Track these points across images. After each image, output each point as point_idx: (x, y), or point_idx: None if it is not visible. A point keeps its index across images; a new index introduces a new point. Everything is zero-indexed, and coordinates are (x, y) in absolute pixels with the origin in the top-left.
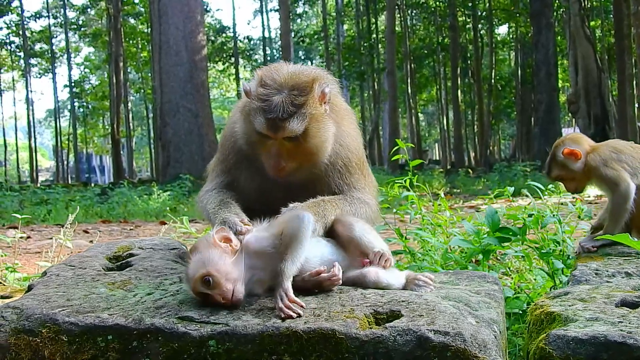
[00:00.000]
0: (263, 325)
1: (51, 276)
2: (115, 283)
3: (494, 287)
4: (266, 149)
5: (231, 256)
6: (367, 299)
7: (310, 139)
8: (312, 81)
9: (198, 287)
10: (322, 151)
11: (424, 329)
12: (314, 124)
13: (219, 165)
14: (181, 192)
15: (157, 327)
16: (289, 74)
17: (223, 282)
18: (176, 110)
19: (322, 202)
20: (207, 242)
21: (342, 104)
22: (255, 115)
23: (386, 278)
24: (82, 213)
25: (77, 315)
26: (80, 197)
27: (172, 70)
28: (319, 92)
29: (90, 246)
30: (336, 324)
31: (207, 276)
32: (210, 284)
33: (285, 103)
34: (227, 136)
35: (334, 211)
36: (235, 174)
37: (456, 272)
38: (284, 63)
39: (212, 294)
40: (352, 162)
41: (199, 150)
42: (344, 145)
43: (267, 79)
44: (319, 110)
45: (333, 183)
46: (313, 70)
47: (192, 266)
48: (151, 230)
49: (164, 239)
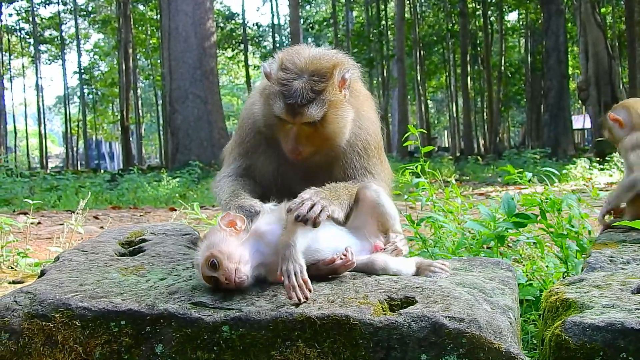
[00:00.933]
0: (277, 311)
1: (64, 261)
2: (128, 268)
3: (507, 274)
4: (284, 132)
5: (237, 239)
6: (381, 285)
7: (329, 124)
8: (332, 67)
9: (206, 271)
10: (340, 136)
11: (438, 315)
12: (333, 110)
13: (236, 148)
14: (190, 179)
15: (170, 313)
16: (310, 59)
17: (225, 262)
18: (185, 97)
19: (333, 186)
20: (214, 229)
21: (362, 89)
22: (275, 99)
23: (395, 265)
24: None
25: (90, 300)
26: (90, 184)
27: (181, 56)
28: (339, 78)
29: (102, 231)
30: (350, 310)
31: (211, 258)
32: (216, 266)
33: (304, 89)
34: (245, 118)
35: (346, 194)
36: (253, 156)
37: (469, 258)
38: (305, 46)
39: (217, 276)
40: (371, 146)
41: (208, 137)
42: (363, 129)
43: (288, 63)
44: (338, 96)
45: (350, 166)
46: (334, 55)
47: (200, 252)
48: (161, 217)
49: (176, 225)
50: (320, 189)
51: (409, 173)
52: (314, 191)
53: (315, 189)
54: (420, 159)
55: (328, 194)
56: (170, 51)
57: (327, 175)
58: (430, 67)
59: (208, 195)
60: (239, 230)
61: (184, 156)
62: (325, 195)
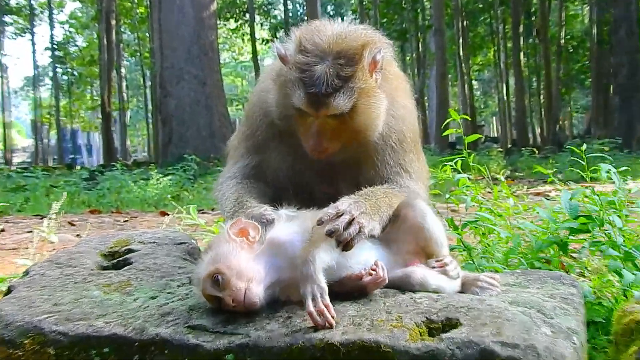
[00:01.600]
0: (292, 337)
1: (34, 276)
2: (112, 285)
3: (571, 290)
4: (305, 127)
5: (248, 252)
6: (418, 304)
7: (358, 116)
8: (361, 47)
9: (207, 289)
10: (372, 129)
11: (488, 340)
12: (363, 99)
13: (243, 142)
14: (185, 177)
15: (163, 338)
16: (334, 38)
17: (233, 280)
18: (180, 77)
19: (372, 194)
20: (221, 238)
21: (395, 71)
22: (294, 87)
23: (436, 280)
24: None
25: (66, 323)
26: (64, 183)
27: (174, 29)
28: (369, 60)
29: (80, 240)
30: (381, 335)
31: (216, 274)
32: (220, 283)
33: (329, 75)
34: (254, 106)
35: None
36: (264, 152)
37: (525, 272)
38: (327, 22)
39: (222, 296)
40: (407, 138)
41: (206, 126)
42: (397, 118)
43: (308, 43)
44: (369, 82)
45: (383, 163)
46: (362, 31)
47: (202, 266)
48: (150, 222)
49: (169, 232)
50: (360, 199)
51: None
52: (352, 202)
53: (354, 199)
54: (463, 151)
55: (368, 206)
56: (162, 22)
57: (354, 174)
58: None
59: (207, 196)
60: (252, 242)
61: (177, 149)
62: (366, 208)
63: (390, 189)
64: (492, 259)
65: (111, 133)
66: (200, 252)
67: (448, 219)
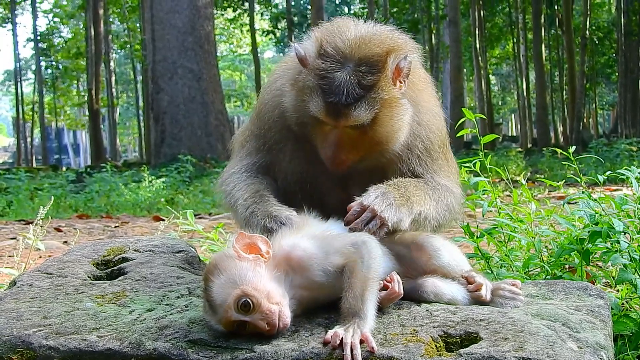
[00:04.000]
0: (299, 351)
1: (22, 287)
2: (106, 296)
3: (598, 302)
4: (323, 136)
5: (267, 269)
6: (435, 317)
7: (380, 127)
8: (385, 53)
9: (233, 315)
10: (394, 140)
11: (510, 356)
12: (386, 110)
13: (253, 140)
14: (180, 179)
15: (160, 353)
16: (357, 41)
17: (264, 302)
18: (173, 71)
19: (402, 184)
20: (228, 257)
21: (421, 74)
22: (312, 95)
23: (450, 291)
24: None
25: (57, 337)
26: (50, 185)
27: (167, 18)
28: (393, 68)
29: (71, 248)
30: (395, 350)
31: (243, 297)
32: (251, 308)
33: (350, 83)
34: (268, 105)
35: (422, 200)
36: (276, 154)
37: (548, 282)
38: (350, 22)
39: (251, 320)
40: (435, 145)
41: (202, 124)
42: (423, 125)
43: (329, 47)
44: (393, 92)
45: (409, 171)
46: (388, 35)
47: (217, 291)
48: (142, 228)
49: (166, 239)
50: (389, 188)
51: (465, 171)
52: (380, 193)
53: (382, 190)
54: (479, 152)
55: (397, 196)
56: (154, 12)
57: (376, 181)
58: (493, 31)
59: (203, 200)
60: (268, 258)
61: (171, 149)
62: (394, 198)
63: (424, 183)
64: (512, 267)
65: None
66: (200, 261)
67: (464, 225)
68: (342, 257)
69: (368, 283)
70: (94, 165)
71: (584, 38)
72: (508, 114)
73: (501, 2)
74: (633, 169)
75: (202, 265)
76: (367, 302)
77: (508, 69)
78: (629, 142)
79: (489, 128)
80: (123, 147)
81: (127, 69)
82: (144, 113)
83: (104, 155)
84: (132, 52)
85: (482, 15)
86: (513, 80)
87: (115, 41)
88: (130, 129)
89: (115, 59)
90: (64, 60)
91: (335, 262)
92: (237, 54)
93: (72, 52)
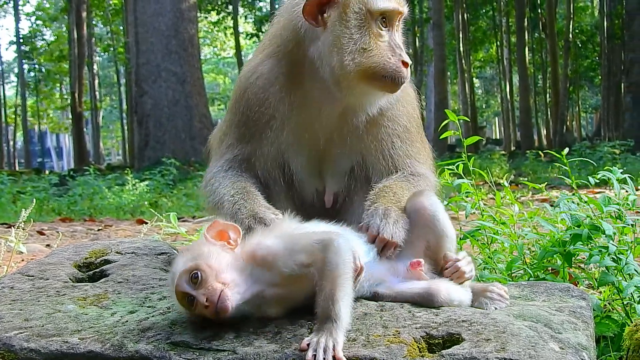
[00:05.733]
0: (282, 353)
1: (3, 289)
2: (88, 298)
3: (580, 304)
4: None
5: (231, 255)
6: (417, 318)
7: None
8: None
9: (181, 284)
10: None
11: (492, 356)
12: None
13: (233, 130)
14: (164, 182)
15: (143, 355)
16: None
17: (211, 279)
18: (157, 74)
19: (394, 193)
20: (200, 242)
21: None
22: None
23: (458, 295)
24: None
25: (38, 339)
26: (32, 189)
27: (151, 21)
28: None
29: (52, 251)
30: (377, 351)
31: (195, 270)
32: (198, 282)
33: None
34: (243, 91)
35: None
36: (257, 141)
37: (530, 283)
38: None
39: (196, 295)
40: (413, 124)
41: (186, 127)
42: (402, 102)
43: None
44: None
45: (389, 157)
46: None
47: (178, 264)
48: (126, 231)
49: (149, 241)
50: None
51: (449, 173)
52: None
53: (383, 208)
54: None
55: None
56: (137, 14)
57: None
58: (477, 34)
59: (187, 203)
60: (234, 245)
61: (155, 152)
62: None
63: (406, 181)
64: (495, 269)
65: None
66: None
67: None
68: (307, 255)
69: (337, 282)
70: (77, 168)
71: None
72: (492, 117)
73: (485, 5)
74: (614, 169)
75: None
76: (337, 302)
77: (492, 72)
78: (612, 145)
79: (472, 131)
80: (106, 151)
81: (110, 72)
82: (127, 116)
83: (87, 159)
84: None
85: (466, 19)
86: (497, 83)
87: (99, 44)
88: (113, 132)
89: (98, 62)
90: (46, 63)
91: (300, 260)
92: (221, 57)
93: (55, 55)
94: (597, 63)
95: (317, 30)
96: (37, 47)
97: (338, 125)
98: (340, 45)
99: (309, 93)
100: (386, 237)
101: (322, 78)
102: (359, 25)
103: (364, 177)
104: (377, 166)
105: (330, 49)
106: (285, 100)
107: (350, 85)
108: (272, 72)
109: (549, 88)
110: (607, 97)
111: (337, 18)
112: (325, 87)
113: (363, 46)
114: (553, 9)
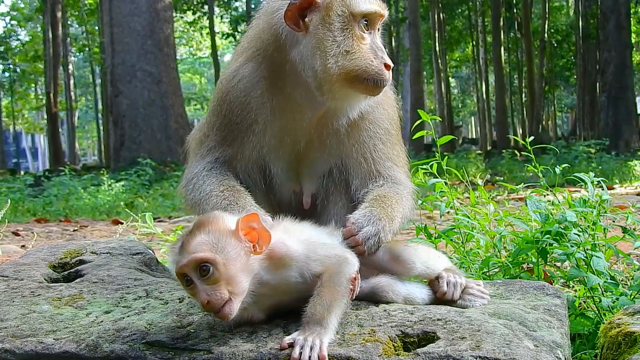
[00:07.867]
0: (257, 352)
1: None
2: (63, 298)
3: (555, 302)
4: (362, 48)
5: (249, 259)
6: (392, 317)
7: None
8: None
9: (189, 269)
10: None
11: (467, 355)
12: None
13: (215, 133)
14: (140, 182)
15: (118, 356)
16: None
17: (222, 283)
18: (132, 74)
19: (381, 201)
20: (226, 227)
21: None
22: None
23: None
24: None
25: (13, 340)
26: (7, 189)
27: (126, 21)
28: None
29: (27, 251)
30: (352, 350)
31: (209, 264)
32: (208, 275)
33: None
34: (225, 94)
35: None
36: (239, 143)
37: (505, 282)
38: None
39: (199, 288)
40: (394, 127)
41: (162, 127)
42: (382, 104)
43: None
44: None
45: (370, 160)
46: None
47: (195, 241)
48: (102, 232)
49: (124, 242)
50: (381, 214)
51: (423, 173)
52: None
53: (375, 216)
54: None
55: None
56: (113, 14)
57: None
58: (453, 34)
59: (163, 203)
60: (259, 252)
61: (130, 152)
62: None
63: (396, 194)
64: (471, 268)
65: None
66: (158, 263)
67: (422, 226)
68: (321, 266)
69: (338, 295)
70: (53, 169)
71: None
72: (468, 117)
73: (461, 5)
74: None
75: (160, 267)
76: (332, 312)
77: (468, 71)
78: (587, 144)
79: (448, 130)
80: (82, 151)
81: (86, 72)
82: (103, 116)
83: (62, 159)
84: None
85: (442, 18)
86: (473, 83)
87: (74, 44)
88: (89, 133)
89: (73, 62)
90: (21, 64)
91: (314, 269)
92: (197, 57)
93: (30, 55)
94: (572, 63)
95: (298, 35)
96: (11, 47)
97: (319, 128)
98: (323, 49)
99: (291, 97)
100: (359, 241)
101: (303, 82)
102: (341, 27)
103: (342, 180)
104: (358, 169)
105: (312, 53)
106: (267, 105)
107: (333, 88)
108: (253, 76)
109: (525, 87)
110: (583, 97)
111: (319, 21)
112: (306, 91)
113: (346, 49)
114: (529, 9)
